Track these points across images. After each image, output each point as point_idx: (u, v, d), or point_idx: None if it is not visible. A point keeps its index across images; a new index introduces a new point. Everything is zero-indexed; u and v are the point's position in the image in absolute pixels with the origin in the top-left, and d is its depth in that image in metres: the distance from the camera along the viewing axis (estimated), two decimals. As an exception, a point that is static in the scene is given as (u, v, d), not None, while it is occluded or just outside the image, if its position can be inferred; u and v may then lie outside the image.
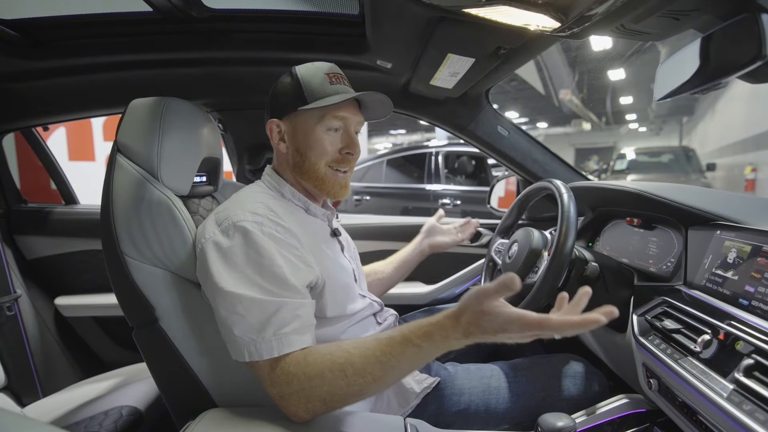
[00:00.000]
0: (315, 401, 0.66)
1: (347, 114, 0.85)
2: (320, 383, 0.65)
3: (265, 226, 0.74)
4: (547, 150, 1.54)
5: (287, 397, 0.66)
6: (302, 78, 0.84)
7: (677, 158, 8.43)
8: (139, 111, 0.86)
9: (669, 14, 0.69)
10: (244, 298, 0.69)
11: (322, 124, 0.84)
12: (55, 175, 1.68)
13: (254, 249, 0.72)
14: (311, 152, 0.85)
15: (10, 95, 1.33)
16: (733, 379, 0.59)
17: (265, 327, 0.68)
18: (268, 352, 0.67)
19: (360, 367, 0.64)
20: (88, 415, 1.09)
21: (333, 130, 0.85)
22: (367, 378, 0.64)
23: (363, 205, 5.06)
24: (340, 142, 0.86)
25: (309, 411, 0.67)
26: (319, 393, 0.65)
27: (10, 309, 1.35)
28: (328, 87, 0.83)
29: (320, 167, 0.86)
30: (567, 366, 1.00)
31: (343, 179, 0.88)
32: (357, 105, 0.88)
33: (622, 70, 9.68)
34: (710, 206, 0.86)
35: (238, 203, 0.79)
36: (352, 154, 0.87)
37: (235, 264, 0.71)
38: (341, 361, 0.66)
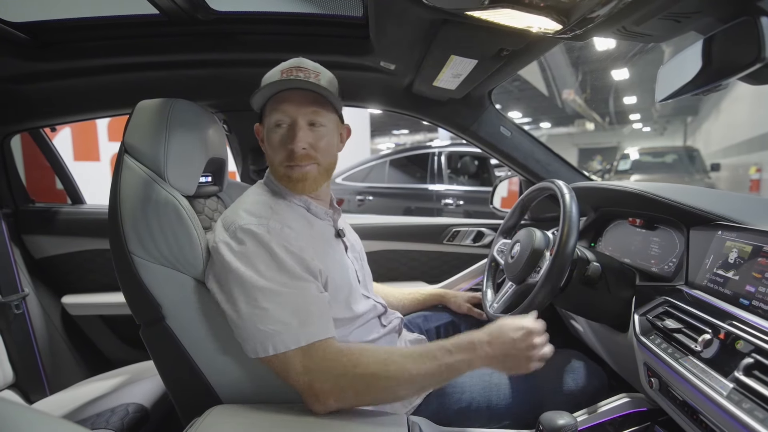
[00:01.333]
0: (349, 391, 0.70)
1: (287, 106, 0.82)
2: (363, 372, 0.69)
3: (271, 228, 0.76)
4: (550, 150, 1.55)
5: (320, 385, 0.69)
6: (263, 78, 0.87)
7: (681, 158, 8.40)
8: (146, 112, 0.88)
9: (670, 16, 0.70)
10: (266, 291, 0.71)
11: (269, 120, 0.84)
12: (62, 175, 1.70)
13: (264, 248, 0.74)
14: (269, 150, 0.87)
15: (19, 97, 1.35)
16: (734, 378, 0.60)
17: (289, 317, 0.71)
18: (296, 342, 0.70)
19: (400, 364, 0.71)
20: (94, 412, 1.11)
21: (276, 126, 0.83)
22: (404, 375, 0.70)
23: (366, 205, 5.07)
24: (286, 138, 0.83)
25: (339, 400, 0.70)
26: (359, 384, 0.69)
27: (18, 307, 1.37)
28: (273, 81, 0.82)
29: (276, 167, 0.86)
30: (567, 362, 1.01)
31: (299, 173, 0.84)
32: (312, 96, 0.83)
33: (626, 70, 9.65)
34: (712, 206, 0.86)
35: (242, 207, 0.81)
36: (294, 150, 0.82)
37: (251, 263, 0.73)
38: (384, 356, 0.72)
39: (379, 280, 1.27)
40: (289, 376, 0.72)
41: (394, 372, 0.71)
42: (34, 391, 1.36)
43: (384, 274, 1.68)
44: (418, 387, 0.74)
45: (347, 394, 0.70)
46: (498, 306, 1.07)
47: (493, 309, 1.07)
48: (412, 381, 0.71)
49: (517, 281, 1.02)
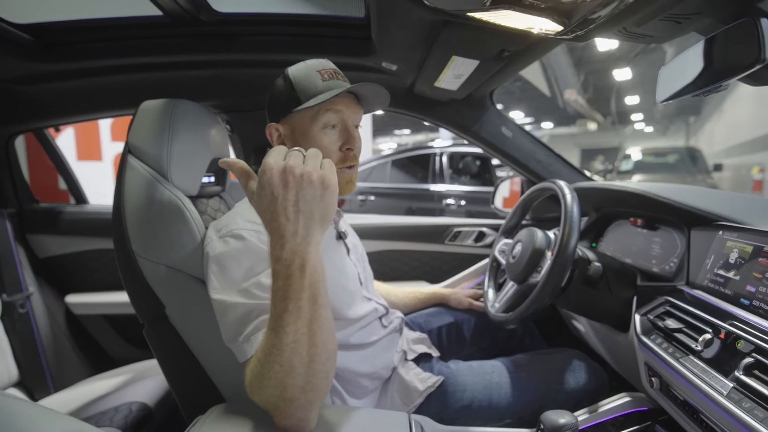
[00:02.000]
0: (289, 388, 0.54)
1: (342, 108, 0.82)
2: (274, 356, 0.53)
3: (262, 234, 0.73)
4: (551, 151, 1.55)
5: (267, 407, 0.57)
6: (294, 78, 0.83)
7: (683, 159, 8.37)
8: (150, 113, 0.88)
9: (671, 17, 0.70)
10: (228, 304, 0.68)
11: (318, 122, 0.81)
12: (65, 175, 1.71)
13: (246, 254, 0.71)
14: None
15: (23, 97, 1.36)
16: (734, 378, 0.60)
17: (243, 329, 0.65)
18: (244, 355, 0.64)
19: (264, 343, 0.56)
20: (98, 410, 1.11)
21: (330, 127, 0.82)
22: (277, 350, 0.53)
23: (367, 205, 5.07)
24: (339, 139, 0.83)
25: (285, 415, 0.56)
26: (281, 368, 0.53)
27: (23, 306, 1.38)
28: (320, 84, 0.81)
29: None
30: (567, 361, 1.01)
31: (348, 175, 0.85)
32: (354, 98, 0.85)
33: (628, 70, 9.63)
34: (713, 207, 0.86)
35: (239, 212, 0.79)
36: (352, 150, 0.83)
37: (225, 269, 0.71)
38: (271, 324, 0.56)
39: (380, 279, 1.27)
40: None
41: (267, 357, 0.55)
42: (38, 389, 1.37)
43: (386, 273, 1.69)
44: (300, 345, 0.54)
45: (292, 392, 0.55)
46: (499, 306, 1.07)
47: (495, 309, 1.07)
48: (285, 352, 0.53)
49: (519, 281, 1.03)
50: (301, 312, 0.53)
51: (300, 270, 0.53)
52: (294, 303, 0.53)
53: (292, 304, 0.53)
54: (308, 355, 0.54)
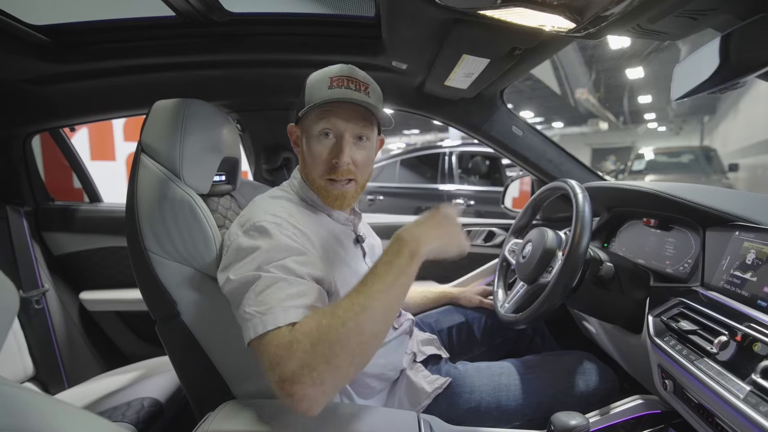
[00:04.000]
0: (320, 365, 0.58)
1: (336, 119, 0.80)
2: (318, 335, 0.60)
3: (282, 228, 0.75)
4: (562, 150, 1.53)
5: (290, 376, 0.58)
6: (308, 82, 0.84)
7: (698, 158, 8.23)
8: (162, 112, 0.89)
9: (686, 14, 0.69)
10: (250, 277, 0.68)
11: (315, 128, 0.81)
12: (80, 174, 1.74)
13: (269, 243, 0.72)
14: (308, 158, 0.84)
15: (40, 98, 1.39)
16: (751, 381, 0.59)
17: (267, 301, 0.65)
18: (272, 322, 0.63)
19: (347, 302, 0.63)
20: (111, 405, 1.13)
21: (323, 135, 0.81)
22: (356, 309, 0.61)
23: (376, 205, 5.08)
24: (332, 149, 0.81)
25: (316, 383, 0.58)
26: (322, 350, 0.59)
27: (38, 303, 1.41)
28: (325, 91, 0.80)
29: (315, 178, 0.84)
30: (577, 363, 1.00)
31: (339, 191, 0.84)
32: (361, 112, 0.82)
33: (641, 69, 9.49)
34: (729, 207, 0.85)
35: (261, 206, 0.80)
36: (338, 163, 0.81)
37: (248, 257, 0.72)
38: (330, 307, 0.64)
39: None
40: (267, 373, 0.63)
41: (346, 314, 0.61)
42: (53, 384, 1.40)
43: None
44: (382, 312, 0.63)
45: (320, 370, 0.58)
46: (509, 306, 1.06)
47: (504, 309, 1.07)
48: (370, 309, 0.62)
49: (529, 281, 1.02)
50: (393, 289, 0.65)
51: (411, 257, 0.68)
52: (394, 279, 0.65)
53: (391, 278, 0.65)
54: (376, 328, 0.64)
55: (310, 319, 0.63)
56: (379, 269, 0.67)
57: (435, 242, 0.71)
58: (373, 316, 0.62)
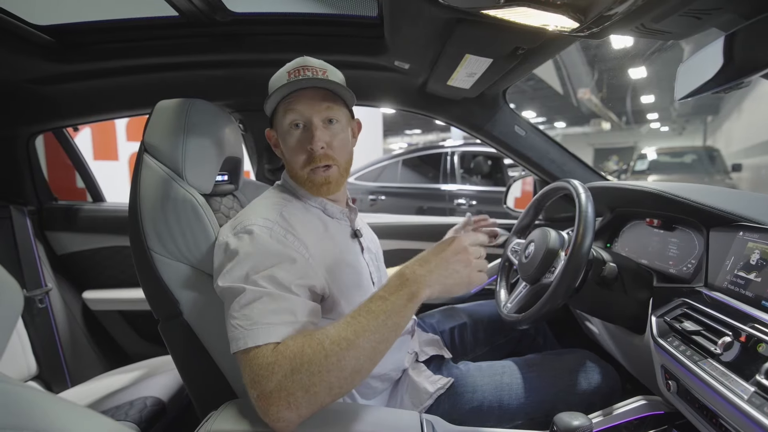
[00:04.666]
0: (297, 391, 0.59)
1: (300, 106, 0.81)
2: (300, 363, 0.60)
3: (273, 232, 0.74)
4: (565, 150, 1.53)
5: (267, 396, 0.60)
6: (270, 83, 0.86)
7: (701, 158, 8.20)
8: (165, 112, 0.89)
9: (690, 13, 0.68)
10: (238, 291, 0.68)
11: (284, 123, 0.83)
12: (83, 173, 1.75)
13: (257, 249, 0.72)
14: (287, 154, 0.86)
15: (43, 97, 1.40)
16: (755, 382, 0.59)
17: (251, 315, 0.65)
18: (253, 340, 0.63)
19: (334, 334, 0.62)
20: (114, 404, 1.14)
21: (293, 127, 0.82)
22: (342, 344, 0.61)
23: (378, 205, 5.07)
24: (305, 138, 0.82)
25: (292, 407, 0.59)
26: (302, 376, 0.59)
27: (42, 302, 1.41)
28: (284, 84, 0.81)
29: (297, 171, 0.85)
30: (579, 362, 1.00)
31: (322, 177, 0.84)
32: (324, 94, 0.83)
33: (644, 68, 9.45)
34: (733, 207, 0.84)
35: (254, 209, 0.80)
36: (313, 149, 0.81)
37: (237, 261, 0.71)
38: (318, 335, 0.63)
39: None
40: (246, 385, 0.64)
41: (331, 346, 0.61)
42: (56, 383, 1.40)
43: (396, 273, 1.68)
44: (367, 352, 0.62)
45: (297, 397, 0.59)
46: (512, 306, 1.06)
47: (507, 309, 1.06)
48: (355, 348, 0.61)
49: (531, 281, 1.01)
50: (384, 329, 0.63)
51: (409, 299, 0.65)
52: (386, 318, 0.63)
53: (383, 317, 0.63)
54: (359, 365, 0.62)
55: (294, 343, 0.63)
56: (373, 305, 0.65)
57: (438, 286, 0.67)
58: (357, 354, 0.62)
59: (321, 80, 0.81)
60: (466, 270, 0.68)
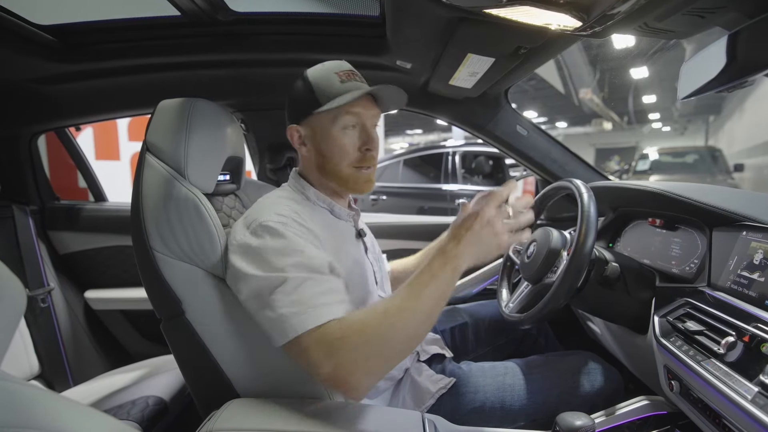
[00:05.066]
0: (372, 359, 0.67)
1: (360, 110, 0.85)
2: (371, 332, 0.68)
3: (288, 226, 0.76)
4: (567, 149, 1.53)
5: (346, 366, 0.66)
6: (313, 81, 0.85)
7: (703, 158, 8.17)
8: (167, 111, 0.89)
9: (694, 12, 0.68)
10: (281, 280, 0.71)
11: (338, 123, 0.84)
12: (85, 173, 1.75)
13: (280, 242, 0.74)
14: (332, 153, 0.86)
15: (46, 97, 1.40)
16: (759, 382, 0.58)
17: (306, 299, 0.70)
18: (314, 321, 0.68)
19: (396, 304, 0.70)
20: (116, 403, 1.14)
21: (349, 128, 0.85)
22: (405, 312, 0.69)
23: (379, 205, 5.08)
24: (358, 140, 0.86)
25: (370, 373, 0.69)
26: (375, 345, 0.67)
27: (44, 301, 1.42)
28: (339, 86, 0.83)
29: (342, 168, 0.86)
30: (582, 363, 1.00)
31: (366, 175, 0.88)
32: (371, 99, 0.88)
33: (645, 68, 9.43)
34: (736, 206, 0.84)
35: (265, 206, 0.81)
36: (371, 150, 0.87)
37: (266, 257, 0.73)
38: (380, 307, 0.71)
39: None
40: (313, 368, 0.69)
41: (395, 315, 0.69)
42: (58, 382, 1.41)
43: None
44: (425, 318, 0.72)
45: (372, 363, 0.68)
46: (513, 306, 1.06)
47: (509, 309, 1.06)
48: (415, 313, 0.70)
49: (533, 281, 1.01)
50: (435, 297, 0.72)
51: (452, 272, 0.72)
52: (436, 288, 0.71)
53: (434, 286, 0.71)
54: (419, 330, 0.72)
55: (358, 316, 0.70)
56: (423, 277, 0.72)
57: (473, 256, 0.75)
58: (417, 319, 0.70)
59: (390, 87, 0.85)
60: (495, 239, 0.75)
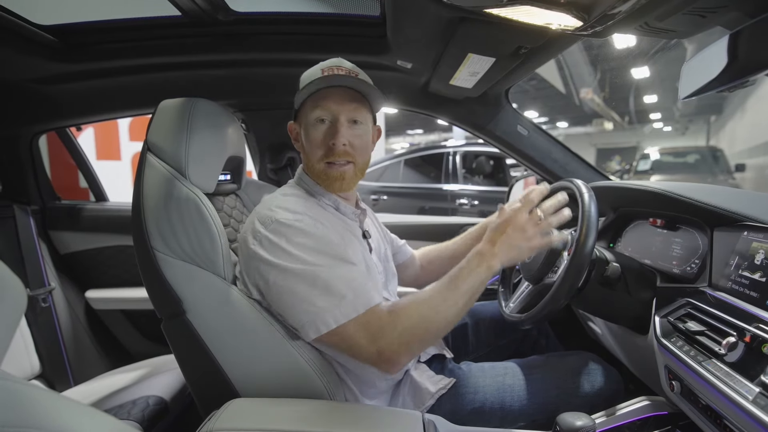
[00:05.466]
0: (414, 342, 0.76)
1: (331, 104, 0.84)
2: (417, 319, 0.75)
3: (305, 222, 0.78)
4: (568, 149, 1.53)
5: (389, 347, 0.73)
6: (302, 78, 0.88)
7: (704, 158, 8.17)
8: (168, 111, 0.90)
9: (695, 11, 0.68)
10: (313, 274, 0.74)
11: (310, 116, 0.86)
12: (86, 173, 1.75)
13: (304, 236, 0.77)
14: (307, 146, 0.88)
15: (47, 97, 1.40)
16: (760, 383, 0.58)
17: (345, 290, 0.74)
18: (355, 310, 0.74)
19: (439, 293, 0.79)
20: (116, 403, 1.14)
21: (319, 122, 0.85)
22: (448, 301, 0.77)
23: (380, 205, 5.08)
24: (327, 134, 0.85)
25: (408, 353, 0.76)
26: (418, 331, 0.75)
27: (45, 301, 1.42)
28: (316, 80, 0.84)
29: (314, 163, 0.88)
30: (582, 364, 0.99)
31: (337, 171, 0.87)
32: (352, 94, 0.86)
33: (646, 68, 9.42)
34: (737, 206, 0.84)
35: (277, 204, 0.82)
36: (336, 145, 0.85)
37: (293, 253, 0.76)
38: (425, 296, 0.79)
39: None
40: (356, 350, 0.75)
41: (437, 304, 0.77)
42: (59, 382, 1.41)
43: (398, 273, 1.68)
44: (461, 305, 0.79)
45: (413, 345, 0.76)
46: (514, 306, 1.06)
47: (509, 309, 1.06)
48: (454, 305, 0.78)
49: (534, 281, 1.01)
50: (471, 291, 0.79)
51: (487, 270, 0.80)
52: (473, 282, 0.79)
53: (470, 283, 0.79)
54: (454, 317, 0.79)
55: (404, 303, 0.78)
56: (463, 273, 0.80)
57: (506, 257, 0.81)
58: (456, 308, 0.78)
59: (354, 80, 0.84)
60: (526, 243, 0.81)
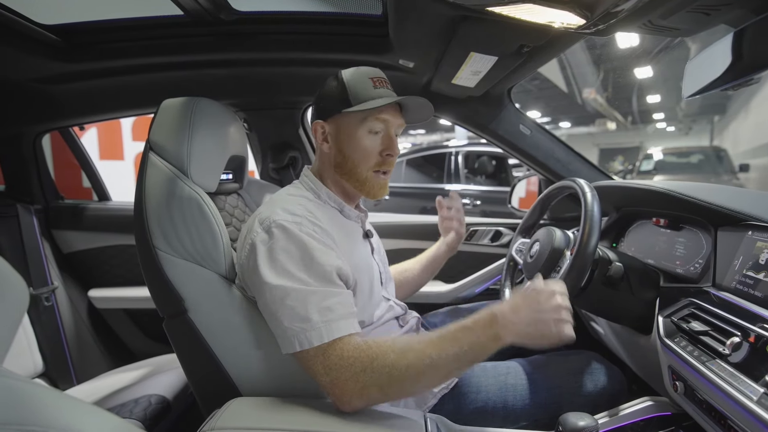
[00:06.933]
0: (372, 387, 0.68)
1: (388, 117, 0.87)
2: (382, 365, 0.67)
3: (303, 226, 0.77)
4: (570, 149, 1.52)
5: (341, 384, 0.68)
6: (347, 82, 0.86)
7: (707, 158, 8.13)
8: (170, 111, 0.90)
9: (699, 9, 0.68)
10: (289, 290, 0.72)
11: (364, 126, 0.86)
12: (89, 172, 1.76)
13: (295, 245, 0.75)
14: (354, 154, 0.88)
15: (50, 97, 1.40)
16: (764, 383, 0.58)
17: (312, 315, 0.70)
18: (318, 338, 0.69)
19: (420, 349, 0.69)
20: (119, 402, 1.14)
21: (374, 133, 0.87)
22: (425, 361, 0.67)
23: (381, 205, 5.07)
24: (381, 145, 0.88)
25: (363, 398, 0.69)
26: (380, 378, 0.67)
27: (48, 300, 1.42)
28: (372, 91, 0.86)
29: (362, 170, 0.88)
30: (585, 363, 0.99)
31: (383, 180, 0.91)
32: (398, 108, 0.90)
33: (650, 68, 9.39)
34: (741, 206, 0.83)
35: (279, 204, 0.82)
36: (392, 156, 0.89)
37: (278, 260, 0.74)
38: (402, 345, 0.70)
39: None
40: (312, 374, 0.72)
41: (413, 360, 0.68)
42: (62, 381, 1.41)
43: (400, 272, 1.68)
44: (443, 373, 0.70)
45: (371, 391, 0.68)
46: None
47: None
48: (434, 367, 0.68)
49: (536, 281, 1.01)
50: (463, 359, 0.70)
51: (493, 339, 0.69)
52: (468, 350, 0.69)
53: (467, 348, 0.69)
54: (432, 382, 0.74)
55: (377, 345, 0.70)
56: (460, 333, 0.70)
57: (524, 335, 0.70)
58: (435, 373, 0.69)
59: (419, 99, 0.88)
60: (557, 327, 0.70)
